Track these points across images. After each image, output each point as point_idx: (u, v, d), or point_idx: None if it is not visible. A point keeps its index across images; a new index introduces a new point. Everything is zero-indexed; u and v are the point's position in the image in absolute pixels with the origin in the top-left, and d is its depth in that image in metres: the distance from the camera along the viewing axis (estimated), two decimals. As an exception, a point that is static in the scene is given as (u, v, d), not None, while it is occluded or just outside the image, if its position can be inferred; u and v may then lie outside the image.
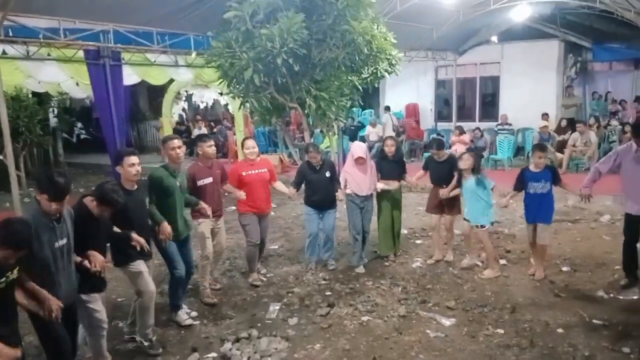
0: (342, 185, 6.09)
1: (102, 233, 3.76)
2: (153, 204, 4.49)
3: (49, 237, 3.20)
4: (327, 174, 6.02)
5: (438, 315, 4.85)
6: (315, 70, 7.04)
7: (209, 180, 5.16)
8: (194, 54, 8.33)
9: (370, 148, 11.50)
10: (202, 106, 15.53)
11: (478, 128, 13.06)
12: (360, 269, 6.14)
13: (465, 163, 5.76)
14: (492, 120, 14.48)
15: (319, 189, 5.99)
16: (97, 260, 3.52)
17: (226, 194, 5.72)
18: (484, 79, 15.26)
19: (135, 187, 4.19)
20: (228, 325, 4.90)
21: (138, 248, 3.98)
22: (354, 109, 14.08)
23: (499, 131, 13.39)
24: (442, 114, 15.86)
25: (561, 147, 11.58)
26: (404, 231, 7.04)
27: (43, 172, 3.44)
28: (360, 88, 7.70)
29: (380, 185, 6.18)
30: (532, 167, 5.58)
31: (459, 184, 5.92)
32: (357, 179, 6.03)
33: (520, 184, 5.64)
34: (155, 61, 8.29)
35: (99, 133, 16.83)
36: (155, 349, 4.37)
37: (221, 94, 13.00)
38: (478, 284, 5.62)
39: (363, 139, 14.29)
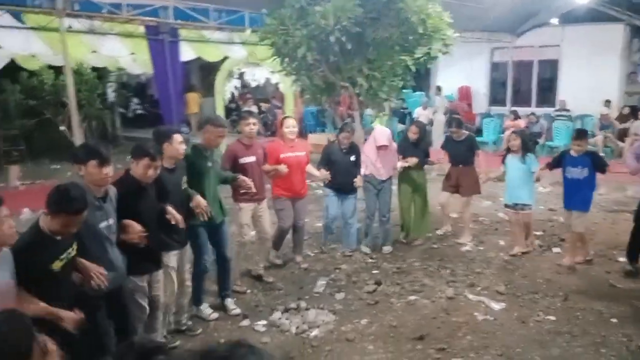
0: (362, 169, 5.98)
1: (147, 207, 3.56)
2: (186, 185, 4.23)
3: (94, 217, 3.06)
4: (352, 158, 5.91)
5: (487, 299, 4.80)
6: (368, 49, 6.96)
7: (252, 159, 4.94)
8: (248, 31, 8.41)
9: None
10: (253, 84, 15.69)
11: (534, 113, 12.66)
12: (367, 250, 6.10)
13: (513, 144, 5.73)
14: (549, 106, 13.97)
15: (343, 171, 5.82)
16: (133, 230, 3.31)
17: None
18: (542, 63, 14.68)
19: (174, 166, 3.96)
20: (277, 296, 5.02)
21: (172, 222, 3.70)
22: (404, 90, 13.89)
23: (556, 117, 12.93)
24: (496, 98, 15.42)
25: (622, 135, 11.09)
26: (453, 215, 6.96)
27: (83, 144, 3.43)
28: (413, 68, 7.57)
29: (400, 164, 6.09)
30: (572, 152, 5.44)
31: (503, 164, 5.89)
32: (376, 163, 5.97)
33: (556, 163, 5.58)
34: (210, 38, 8.43)
35: (154, 109, 17.44)
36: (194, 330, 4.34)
37: (272, 72, 13.14)
38: (529, 270, 5.51)
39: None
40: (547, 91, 14.66)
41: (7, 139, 11.54)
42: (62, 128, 11.54)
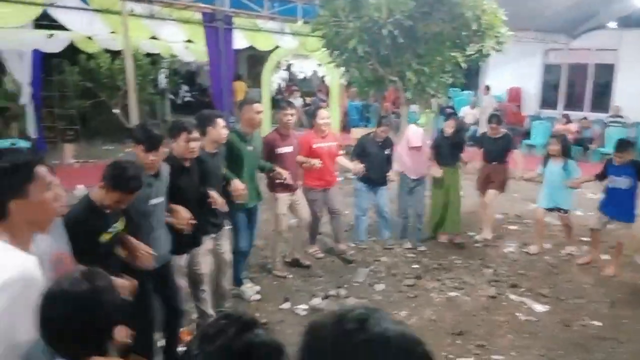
0: (396, 165, 5.98)
1: (192, 188, 3.61)
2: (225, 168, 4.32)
3: (145, 194, 3.06)
4: (387, 152, 5.91)
5: (530, 300, 4.74)
6: (418, 43, 6.90)
7: (289, 149, 4.97)
8: (300, 22, 8.49)
9: (465, 130, 11.19)
10: (300, 77, 15.81)
11: (586, 118, 12.27)
12: (407, 245, 6.05)
13: (552, 148, 5.69)
14: (603, 111, 13.48)
15: (376, 165, 5.81)
16: (181, 216, 3.36)
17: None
18: (598, 66, 14.17)
19: (216, 151, 4.01)
20: (317, 283, 5.10)
21: (214, 205, 3.78)
22: (452, 88, 13.71)
23: (609, 123, 12.48)
24: (547, 101, 15.00)
25: (680, 144, 10.59)
26: (498, 216, 6.86)
27: (137, 125, 3.35)
28: (464, 65, 7.47)
29: (437, 171, 6.04)
30: (614, 161, 5.32)
31: (543, 166, 5.84)
32: (409, 163, 5.94)
33: (602, 174, 5.47)
34: (263, 27, 8.56)
35: (202, 96, 17.84)
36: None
37: (320, 64, 13.20)
38: (575, 275, 5.39)
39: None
40: (602, 96, 14.15)
41: (64, 119, 12.08)
42: (115, 111, 11.96)
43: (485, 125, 6.98)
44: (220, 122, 3.90)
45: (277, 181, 4.84)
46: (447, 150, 6.16)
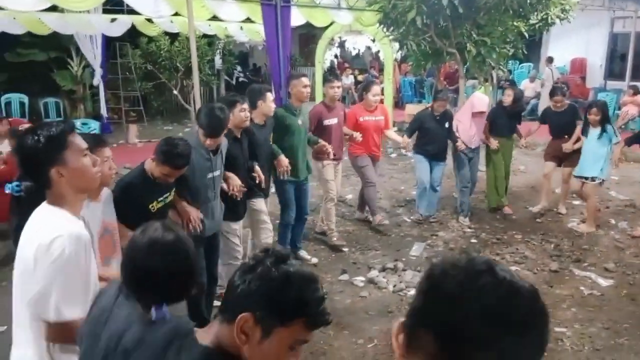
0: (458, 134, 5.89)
1: (242, 157, 3.87)
2: (273, 143, 4.51)
3: (203, 168, 3.33)
4: (446, 125, 5.82)
5: (594, 275, 4.63)
6: (479, 13, 6.74)
7: (334, 120, 5.06)
8: (357, -4, 8.43)
9: (526, 104, 10.82)
10: (354, 53, 15.68)
11: (656, 89, 11.56)
12: (466, 221, 5.97)
13: (593, 118, 5.54)
14: (675, 81, 12.66)
15: (436, 138, 5.78)
16: (235, 183, 3.64)
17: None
18: (670, 34, 13.27)
19: (264, 123, 4.24)
20: (374, 256, 5.17)
21: (257, 181, 4.01)
22: (511, 61, 13.27)
23: (680, 94, 11.71)
24: (613, 72, 14.22)
25: None
26: (557, 191, 6.67)
27: (205, 107, 3.47)
28: (526, 35, 7.23)
29: (494, 142, 6.02)
30: None
31: (584, 135, 5.71)
32: (470, 131, 5.86)
33: (633, 140, 5.44)
34: (319, 3, 8.57)
35: (255, 77, 18.08)
36: None
37: (373, 40, 13.05)
38: (642, 250, 5.20)
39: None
40: (674, 66, 13.27)
41: (127, 100, 12.62)
42: (175, 92, 12.36)
43: (547, 99, 6.74)
44: (270, 95, 4.14)
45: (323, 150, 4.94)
46: (504, 120, 6.05)
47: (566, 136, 6.05)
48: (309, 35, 17.02)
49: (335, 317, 3.98)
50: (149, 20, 11.17)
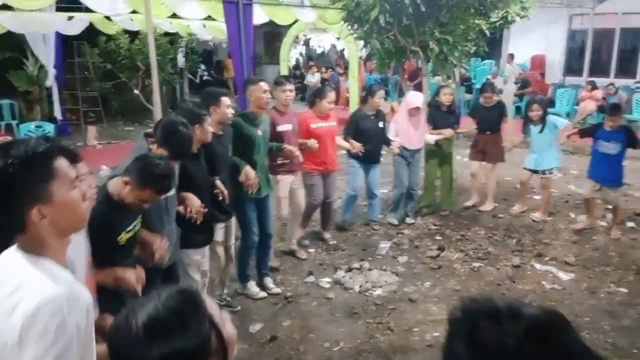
0: (392, 137, 5.69)
1: (202, 175, 3.37)
2: (234, 155, 3.98)
3: None
4: (381, 124, 5.59)
5: (555, 269, 4.71)
6: (441, 12, 6.78)
7: (289, 127, 4.57)
8: (319, -6, 8.39)
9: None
10: (319, 51, 15.67)
11: (612, 84, 11.94)
12: (393, 221, 5.90)
13: (535, 114, 5.72)
14: (630, 77, 13.10)
15: (372, 139, 5.45)
16: (193, 204, 3.10)
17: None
18: (625, 31, 13.73)
19: (221, 132, 3.68)
20: (340, 256, 5.14)
21: (220, 197, 3.50)
22: (473, 58, 13.45)
23: (636, 89, 12.14)
24: (572, 68, 14.61)
25: None
26: (517, 187, 6.78)
27: (168, 124, 2.86)
28: (487, 33, 7.32)
29: (433, 137, 5.85)
30: (605, 126, 5.31)
31: (524, 133, 6.02)
32: (408, 130, 5.70)
33: (588, 133, 5.55)
34: (282, 1, 8.47)
35: (219, 75, 17.86)
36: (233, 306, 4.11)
37: (338, 38, 13.04)
38: (601, 243, 5.33)
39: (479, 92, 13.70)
40: (629, 61, 13.73)
41: (86, 101, 12.24)
42: (136, 92, 12.06)
43: (511, 96, 6.87)
44: (225, 100, 3.62)
45: (280, 161, 4.56)
46: (443, 120, 5.98)
47: (490, 132, 6.21)
48: (274, 33, 16.91)
49: (300, 321, 3.97)
50: (108, 18, 10.85)
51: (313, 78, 16.03)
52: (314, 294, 4.40)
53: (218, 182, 3.52)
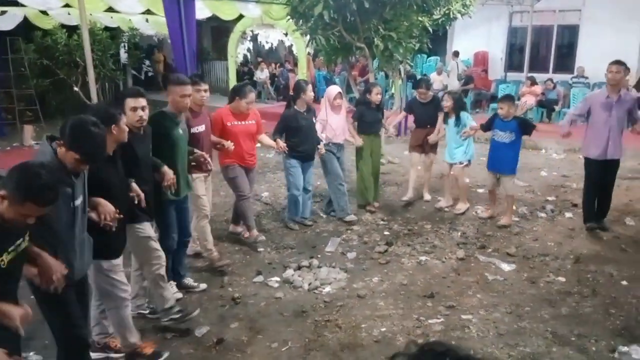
0: (322, 134, 5.73)
1: (118, 179, 3.09)
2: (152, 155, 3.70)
3: (65, 196, 2.48)
4: (314, 120, 5.61)
5: (497, 260, 4.85)
6: (385, 8, 6.85)
7: (202, 128, 4.44)
8: (263, -11, 8.29)
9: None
10: (267, 47, 15.53)
11: (551, 79, 12.43)
12: (352, 217, 5.90)
13: (445, 105, 6.02)
14: (567, 72, 13.68)
15: (307, 137, 5.47)
16: (106, 210, 2.82)
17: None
18: (562, 28, 14.32)
19: (142, 132, 3.42)
20: (290, 255, 5.11)
21: (136, 201, 3.24)
22: (418, 55, 13.69)
23: (573, 84, 12.69)
24: (513, 64, 15.12)
25: (641, 103, 10.86)
26: (466, 180, 6.94)
27: (76, 123, 2.55)
28: (431, 30, 7.45)
29: (352, 139, 5.98)
30: (500, 115, 5.64)
31: (445, 124, 6.15)
32: (333, 124, 5.76)
33: (487, 126, 5.78)
34: (226, -5, 8.35)
35: (165, 70, 17.41)
36: (187, 320, 3.79)
37: (286, 34, 12.96)
38: (540, 234, 5.53)
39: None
40: (566, 57, 14.34)
41: (22, 99, 11.64)
42: (75, 89, 11.57)
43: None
44: (129, 101, 3.27)
45: (192, 163, 4.27)
46: (371, 118, 6.06)
47: (429, 126, 6.40)
48: (221, 29, 16.62)
49: (248, 322, 3.91)
50: (44, 12, 10.36)
51: (262, 74, 15.89)
52: (263, 294, 4.35)
53: (133, 185, 3.25)
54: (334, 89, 5.95)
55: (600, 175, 5.41)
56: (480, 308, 4.01)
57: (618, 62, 5.33)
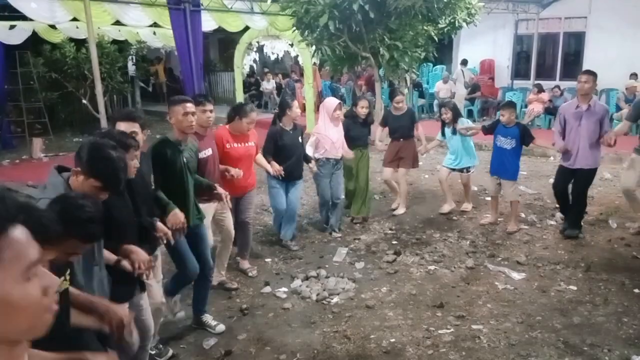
0: (311, 153, 5.46)
1: (127, 215, 2.74)
2: (159, 188, 3.40)
3: None
4: (300, 139, 5.24)
5: (507, 269, 4.79)
6: (390, 18, 6.87)
7: (209, 152, 4.05)
8: (269, 1, 8.33)
9: (441, 106, 11.21)
10: (272, 58, 15.65)
11: (558, 86, 12.39)
12: (335, 234, 5.80)
13: (445, 116, 6.15)
14: (574, 79, 13.55)
15: (292, 155, 5.11)
16: (141, 259, 2.54)
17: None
18: (568, 35, 14.29)
19: (138, 164, 2.92)
20: (297, 265, 5.09)
21: (164, 240, 3.04)
22: (424, 64, 13.71)
23: (580, 91, 12.63)
24: (519, 71, 15.10)
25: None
26: (474, 188, 6.92)
27: (96, 149, 2.26)
28: (436, 39, 7.46)
29: (348, 154, 5.71)
30: (502, 121, 5.68)
31: (443, 136, 6.29)
32: (332, 137, 5.49)
33: (490, 129, 5.84)
34: (231, 8, 8.36)
35: (173, 82, 17.54)
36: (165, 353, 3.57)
37: (292, 45, 13.01)
38: (551, 242, 5.47)
39: (432, 96, 13.96)
40: (573, 64, 14.29)
41: (31, 112, 11.75)
42: (84, 101, 11.67)
43: (459, 99, 7.05)
44: (121, 125, 2.99)
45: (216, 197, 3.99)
46: (358, 131, 5.95)
47: (401, 139, 6.29)
48: (228, 40, 16.74)
49: (256, 334, 3.88)
50: (52, 26, 10.47)
51: (269, 85, 15.98)
52: (271, 305, 4.32)
53: (159, 225, 3.01)
54: (333, 101, 5.67)
55: (566, 182, 5.53)
56: (490, 318, 3.96)
57: (588, 72, 5.33)
